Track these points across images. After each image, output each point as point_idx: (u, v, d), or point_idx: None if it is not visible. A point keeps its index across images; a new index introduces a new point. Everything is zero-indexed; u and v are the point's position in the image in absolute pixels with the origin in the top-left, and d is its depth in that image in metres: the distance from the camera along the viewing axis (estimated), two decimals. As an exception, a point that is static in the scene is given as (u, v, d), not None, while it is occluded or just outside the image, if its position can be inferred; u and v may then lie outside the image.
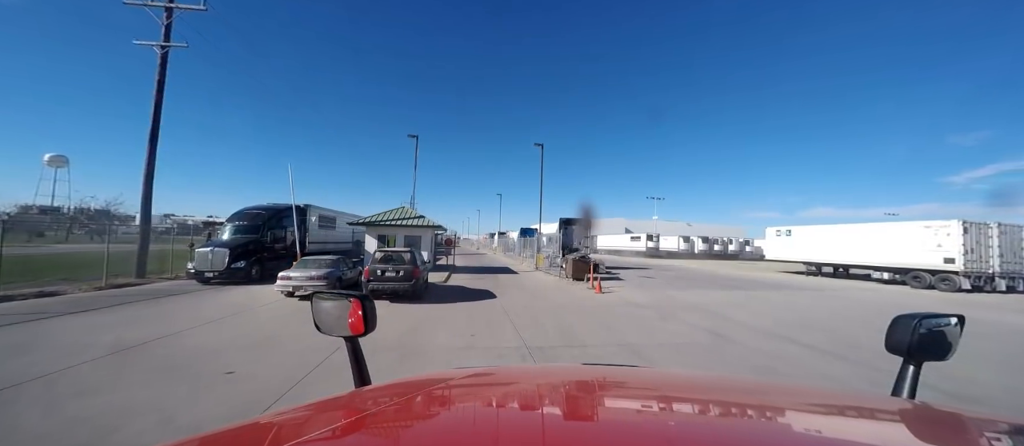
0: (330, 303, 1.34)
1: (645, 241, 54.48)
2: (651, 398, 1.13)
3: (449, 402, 1.08)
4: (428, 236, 20.93)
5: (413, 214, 20.98)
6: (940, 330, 1.19)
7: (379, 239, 20.04)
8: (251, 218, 16.87)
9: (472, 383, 1.29)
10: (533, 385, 1.26)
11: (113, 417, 3.88)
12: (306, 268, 11.76)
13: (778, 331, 8.75)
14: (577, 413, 1.02)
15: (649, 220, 69.26)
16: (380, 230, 20.00)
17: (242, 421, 0.86)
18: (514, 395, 1.16)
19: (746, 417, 1.00)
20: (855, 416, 0.97)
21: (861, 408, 1.03)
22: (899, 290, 19.38)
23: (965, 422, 0.91)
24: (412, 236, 20.31)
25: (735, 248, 57.50)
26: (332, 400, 1.05)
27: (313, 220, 20.71)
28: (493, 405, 1.06)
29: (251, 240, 15.79)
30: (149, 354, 6.04)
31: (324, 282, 11.22)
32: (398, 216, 20.54)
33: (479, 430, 0.84)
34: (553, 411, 1.01)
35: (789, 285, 19.89)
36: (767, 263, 36.66)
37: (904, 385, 1.16)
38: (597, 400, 1.14)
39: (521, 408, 1.04)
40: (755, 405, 1.07)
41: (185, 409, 4.14)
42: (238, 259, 14.59)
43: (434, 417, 0.97)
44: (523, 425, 0.90)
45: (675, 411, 1.02)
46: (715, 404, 1.10)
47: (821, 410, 1.03)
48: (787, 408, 1.04)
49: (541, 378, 1.39)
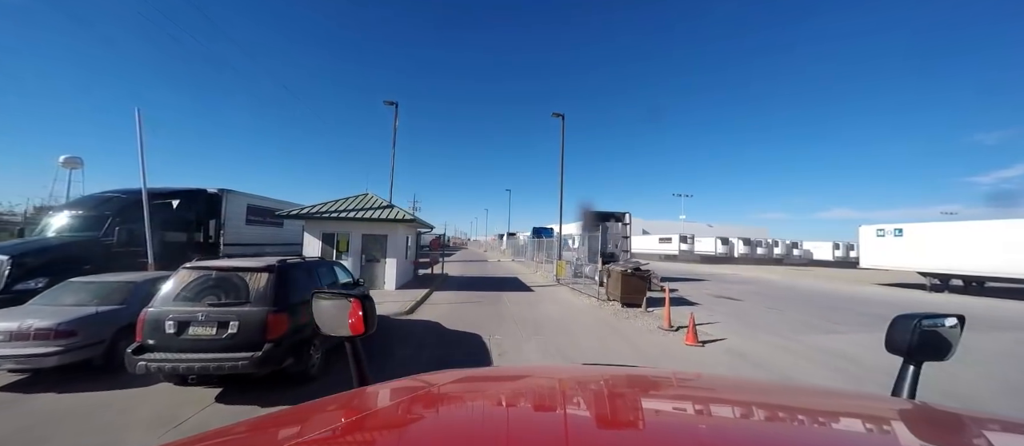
0: (330, 303, 1.32)
1: (678, 243, 47.09)
2: (651, 398, 1.15)
3: (449, 402, 1.07)
4: (400, 236, 14.31)
5: (380, 204, 14.36)
6: (940, 330, 1.19)
7: (324, 240, 13.48)
8: (92, 206, 10.42)
9: (471, 383, 1.29)
10: (533, 385, 1.27)
11: None
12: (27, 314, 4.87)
13: None
14: (577, 413, 0.99)
15: (670, 221, 61.56)
16: (324, 226, 13.43)
17: (242, 421, 0.88)
18: (514, 395, 1.15)
19: (747, 417, 1.00)
20: (856, 416, 0.98)
21: (861, 408, 1.06)
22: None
23: (965, 422, 0.92)
24: (373, 235, 13.70)
25: (781, 251, 49.72)
26: (332, 400, 1.06)
27: (234, 212, 14.25)
28: (493, 405, 1.07)
29: (75, 243, 9.32)
30: None
31: (55, 343, 4.57)
32: (355, 206, 13.95)
33: (479, 430, 0.85)
34: (553, 411, 1.01)
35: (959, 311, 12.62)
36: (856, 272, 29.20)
37: (904, 385, 1.15)
38: (597, 400, 1.12)
39: (521, 408, 1.05)
40: (756, 405, 1.07)
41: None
42: (33, 274, 8.12)
43: (434, 417, 0.96)
44: (523, 425, 0.90)
45: (676, 411, 1.04)
46: (716, 404, 1.11)
47: (822, 410, 1.04)
48: (788, 408, 1.06)
49: (541, 378, 1.39)
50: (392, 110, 19.29)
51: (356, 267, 13.40)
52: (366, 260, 13.61)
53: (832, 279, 25.60)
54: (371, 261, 13.65)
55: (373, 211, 13.59)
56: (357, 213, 13.34)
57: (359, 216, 13.19)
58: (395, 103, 19.86)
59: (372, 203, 14.39)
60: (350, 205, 14.00)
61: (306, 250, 13.37)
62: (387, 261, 13.60)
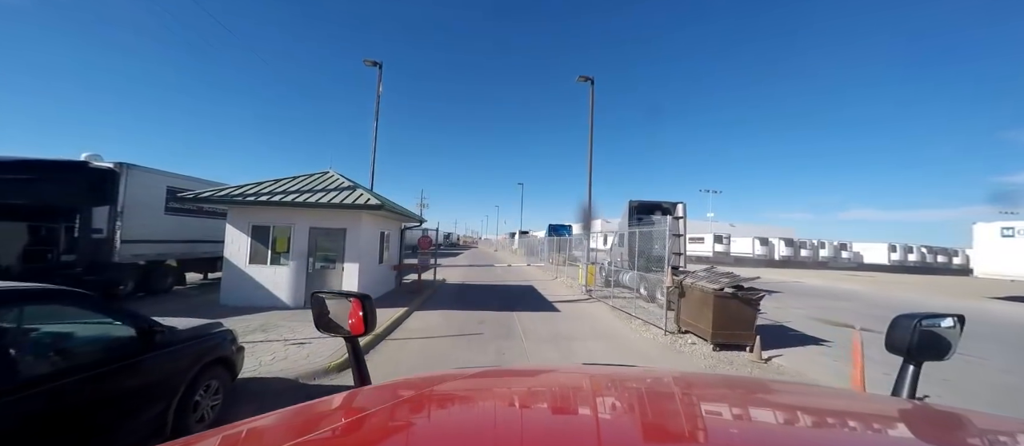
0: (330, 302, 1.35)
1: (712, 244, 42.02)
2: (652, 397, 1.13)
3: (449, 402, 1.08)
4: (367, 231, 10.04)
5: (338, 184, 10.06)
6: (940, 330, 1.19)
7: (253, 235, 9.27)
8: None
9: (472, 383, 1.29)
10: (533, 385, 1.27)
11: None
12: None
13: None
14: (577, 413, 1.01)
15: (695, 220, 55.98)
16: (254, 214, 9.21)
17: (242, 422, 0.87)
18: (514, 395, 1.15)
19: (748, 416, 1.00)
20: (856, 416, 0.98)
21: (862, 408, 1.06)
22: None
23: (965, 422, 0.91)
24: (327, 229, 9.42)
25: (828, 253, 44.15)
26: (332, 400, 1.05)
27: (143, 198, 10.11)
28: (493, 404, 1.07)
29: None
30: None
31: None
32: (301, 187, 9.69)
33: (479, 429, 0.85)
34: (553, 411, 1.03)
35: None
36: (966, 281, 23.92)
37: (904, 385, 1.15)
38: (597, 400, 1.12)
39: (521, 408, 1.04)
40: (758, 404, 1.08)
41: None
42: None
43: (434, 417, 0.96)
44: (523, 425, 0.89)
45: (676, 410, 1.03)
46: (718, 403, 1.11)
47: (822, 410, 1.04)
48: (788, 407, 1.07)
49: (541, 378, 1.39)
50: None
51: (301, 274, 9.16)
52: (317, 265, 9.36)
53: (944, 291, 20.35)
54: (325, 266, 9.40)
55: (327, 194, 9.32)
56: (302, 195, 9.09)
57: (305, 200, 8.92)
58: (378, 63, 15.67)
59: (329, 183, 10.13)
60: (295, 185, 9.76)
61: (228, 250, 9.18)
62: (345, 266, 9.32)
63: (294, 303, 9.04)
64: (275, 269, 9.13)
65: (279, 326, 7.12)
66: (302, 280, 9.14)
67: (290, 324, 7.25)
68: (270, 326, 7.11)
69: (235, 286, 9.06)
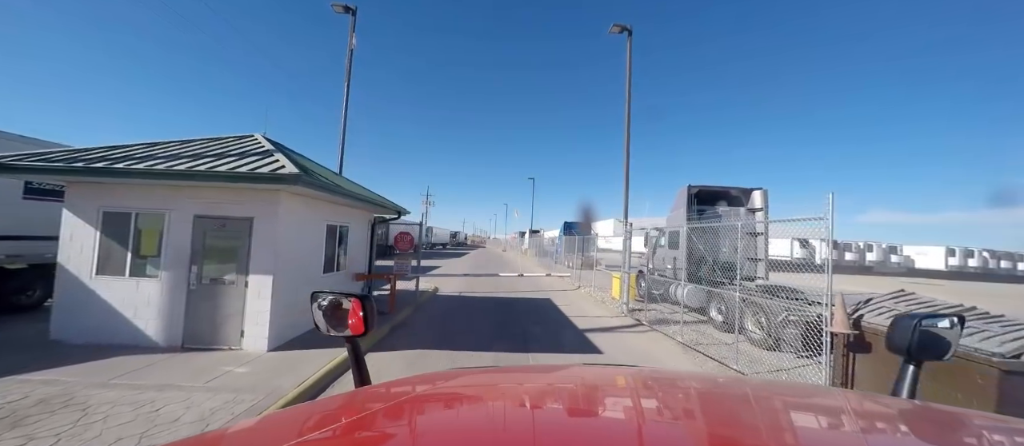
0: (330, 302, 1.31)
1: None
2: (652, 397, 1.12)
3: (449, 402, 1.06)
4: (302, 224, 6.43)
5: (249, 148, 6.46)
6: (940, 330, 1.18)
7: (104, 229, 5.72)
8: None
9: (472, 383, 1.26)
10: (533, 385, 1.25)
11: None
12: None
13: None
14: (577, 413, 1.00)
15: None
16: (108, 196, 5.68)
17: (242, 422, 0.90)
18: (514, 395, 1.13)
19: (749, 415, 0.99)
20: (856, 416, 0.96)
21: (862, 408, 1.03)
22: None
23: (965, 422, 0.91)
24: (223, 219, 5.82)
25: (876, 256, 39.46)
26: (332, 400, 1.05)
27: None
28: (493, 405, 1.04)
29: None
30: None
31: None
32: (199, 152, 6.13)
33: (479, 429, 0.84)
34: (553, 411, 1.01)
35: None
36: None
37: (904, 385, 1.14)
38: (598, 400, 1.11)
39: (521, 408, 1.01)
40: (758, 404, 1.07)
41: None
42: None
43: (434, 417, 0.94)
44: (523, 425, 0.88)
45: (676, 410, 1.01)
46: (717, 403, 1.09)
47: (822, 410, 1.02)
48: (788, 407, 1.05)
49: (541, 378, 1.37)
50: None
51: (178, 292, 5.60)
52: (205, 276, 5.77)
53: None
54: (217, 280, 5.78)
55: (226, 161, 5.73)
56: (184, 163, 5.51)
57: (190, 169, 5.34)
58: (352, 9, 12.09)
59: (252, 146, 6.54)
60: (185, 151, 6.19)
61: (65, 252, 5.65)
62: (251, 279, 5.71)
63: (167, 341, 5.50)
64: (137, 283, 5.58)
65: (116, 397, 3.51)
66: (181, 301, 5.57)
67: (138, 395, 3.65)
68: (90, 403, 3.51)
69: (75, 310, 5.54)
